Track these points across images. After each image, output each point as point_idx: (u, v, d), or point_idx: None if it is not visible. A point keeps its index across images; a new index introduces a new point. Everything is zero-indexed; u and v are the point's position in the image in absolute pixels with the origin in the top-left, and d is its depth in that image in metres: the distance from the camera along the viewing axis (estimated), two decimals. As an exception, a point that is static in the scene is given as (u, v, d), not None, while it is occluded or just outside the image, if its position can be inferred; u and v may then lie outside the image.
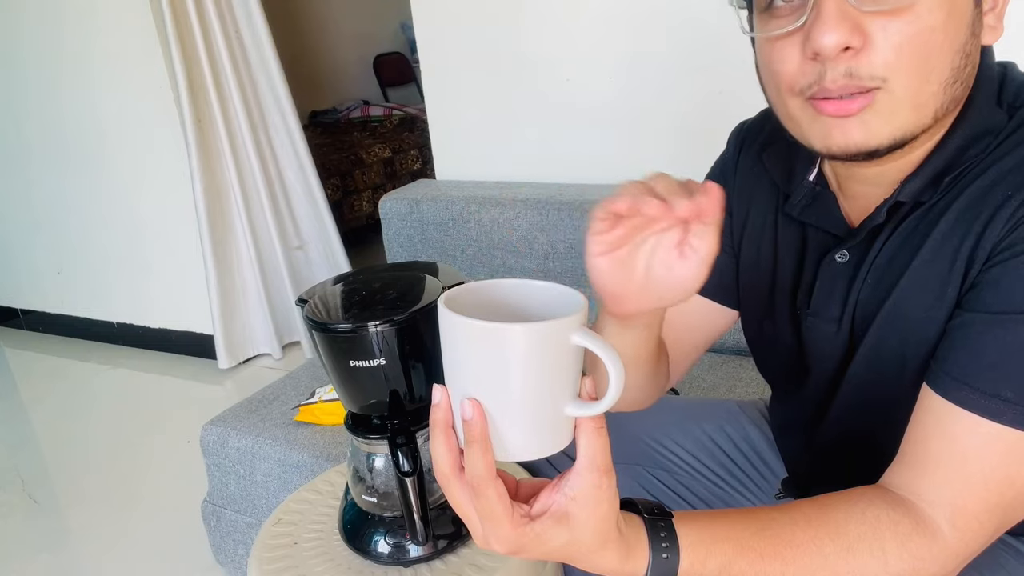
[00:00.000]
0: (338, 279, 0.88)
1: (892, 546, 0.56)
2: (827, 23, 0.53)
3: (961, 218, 0.58)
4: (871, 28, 0.54)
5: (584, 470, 0.51)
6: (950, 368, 0.57)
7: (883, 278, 0.64)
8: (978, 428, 0.55)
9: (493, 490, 0.50)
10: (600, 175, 1.76)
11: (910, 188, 0.61)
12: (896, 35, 0.53)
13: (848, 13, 0.53)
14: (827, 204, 0.69)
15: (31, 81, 2.72)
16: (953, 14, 0.54)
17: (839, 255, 0.68)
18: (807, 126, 0.60)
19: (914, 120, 0.57)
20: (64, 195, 2.85)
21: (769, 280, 0.78)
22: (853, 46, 0.54)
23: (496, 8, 1.75)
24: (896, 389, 0.63)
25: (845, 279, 0.68)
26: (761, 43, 0.61)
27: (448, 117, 1.92)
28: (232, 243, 2.53)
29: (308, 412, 1.44)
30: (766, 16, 0.59)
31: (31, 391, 2.77)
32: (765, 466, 0.97)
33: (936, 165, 0.60)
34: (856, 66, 0.54)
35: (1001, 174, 0.57)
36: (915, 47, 0.54)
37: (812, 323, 0.72)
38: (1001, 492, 0.56)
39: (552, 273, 1.66)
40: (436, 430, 0.52)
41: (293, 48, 4.20)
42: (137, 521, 1.90)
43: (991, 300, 0.55)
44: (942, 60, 0.55)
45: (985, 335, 0.55)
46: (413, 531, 0.81)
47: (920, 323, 0.61)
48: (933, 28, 0.53)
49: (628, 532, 0.54)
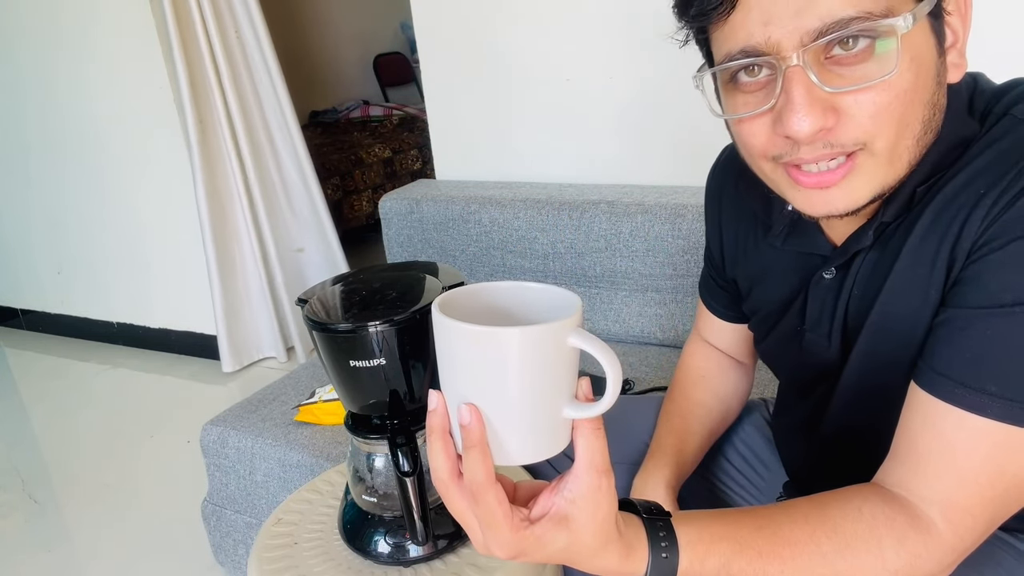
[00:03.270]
0: (338, 279, 0.88)
1: (889, 543, 0.56)
2: (798, 111, 0.53)
3: (937, 220, 0.58)
4: (843, 104, 0.53)
5: (583, 472, 0.51)
6: (935, 364, 0.57)
7: (868, 288, 0.66)
8: (965, 423, 0.55)
9: (492, 495, 0.50)
10: (600, 175, 1.76)
11: (892, 208, 0.61)
12: (870, 106, 0.53)
13: (818, 96, 0.53)
14: (808, 230, 0.70)
15: (31, 81, 2.72)
16: (921, 73, 0.54)
17: (827, 272, 0.69)
18: (785, 190, 0.61)
19: (892, 174, 0.57)
20: (64, 195, 2.85)
21: (766, 301, 0.80)
22: (828, 127, 0.54)
23: (496, 8, 1.75)
24: (891, 394, 0.64)
25: (833, 294, 0.69)
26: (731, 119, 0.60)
27: (448, 117, 1.92)
28: (236, 245, 2.53)
29: (308, 412, 1.44)
30: (731, 88, 0.59)
31: (31, 391, 2.77)
32: (766, 468, 0.97)
33: (912, 183, 0.60)
34: (834, 139, 0.55)
35: (973, 175, 0.57)
36: (891, 111, 0.54)
37: (810, 339, 0.73)
38: (992, 485, 0.56)
39: (552, 273, 1.66)
40: (433, 436, 0.52)
41: (293, 48, 4.21)
42: (137, 521, 1.90)
43: (972, 296, 0.55)
44: (914, 115, 0.55)
45: (967, 330, 0.55)
46: (413, 531, 0.81)
47: (908, 327, 0.62)
48: (905, 90, 0.53)
49: (628, 532, 0.54)
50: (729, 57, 0.56)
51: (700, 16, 0.56)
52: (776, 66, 0.54)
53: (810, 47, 0.52)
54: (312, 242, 2.66)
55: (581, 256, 1.61)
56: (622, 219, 1.54)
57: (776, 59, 0.53)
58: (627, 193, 1.61)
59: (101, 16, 2.45)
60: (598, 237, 1.57)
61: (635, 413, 0.99)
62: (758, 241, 0.79)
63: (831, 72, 0.53)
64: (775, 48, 0.53)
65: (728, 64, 0.56)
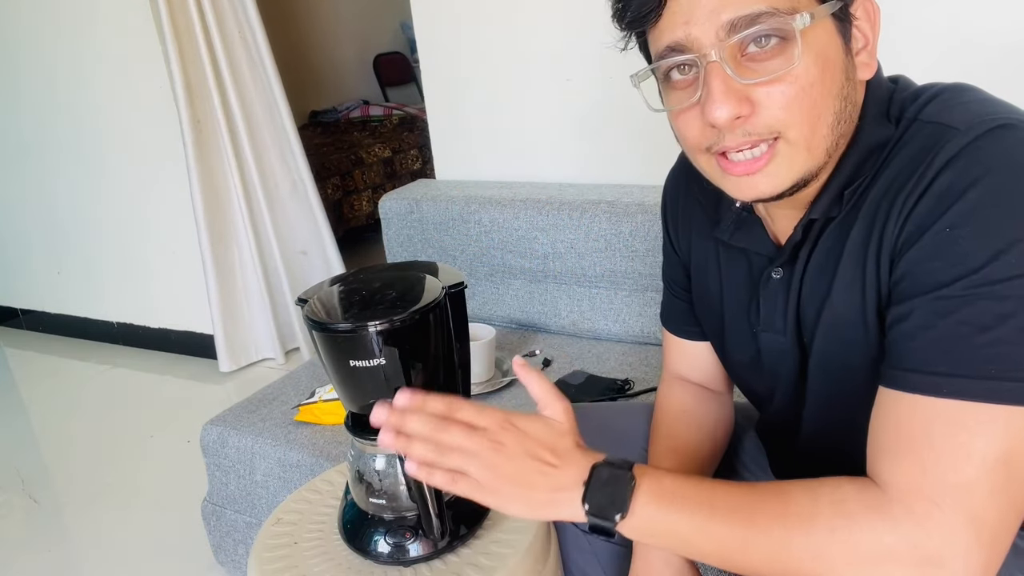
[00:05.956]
0: (338, 279, 0.88)
1: (858, 529, 0.56)
2: (716, 100, 0.60)
3: (867, 225, 0.64)
4: (757, 96, 0.60)
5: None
6: (892, 361, 0.60)
7: (816, 289, 0.70)
8: (918, 405, 0.57)
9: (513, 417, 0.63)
10: (600, 175, 1.76)
11: (819, 206, 0.67)
12: (780, 97, 0.60)
13: (733, 87, 0.60)
14: (754, 228, 0.76)
15: (30, 80, 2.72)
16: (827, 67, 0.61)
17: (774, 272, 0.74)
18: (719, 180, 0.68)
19: (811, 162, 0.63)
20: (64, 195, 2.85)
21: (719, 304, 0.84)
22: (743, 115, 0.60)
23: (496, 8, 1.74)
24: (852, 394, 0.67)
25: (783, 293, 0.74)
26: (669, 111, 0.68)
27: (448, 117, 1.92)
28: (233, 246, 2.53)
29: (308, 412, 1.44)
30: (667, 87, 0.66)
31: (31, 391, 2.77)
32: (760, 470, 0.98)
33: (838, 182, 0.66)
34: (751, 127, 0.61)
35: (890, 180, 0.62)
36: (800, 102, 0.60)
37: (765, 337, 0.78)
38: (958, 469, 0.54)
39: (552, 273, 1.66)
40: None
41: (293, 48, 4.21)
42: (137, 521, 1.90)
43: (907, 290, 0.59)
44: (826, 107, 0.61)
45: (907, 322, 0.59)
46: (429, 527, 0.81)
47: (853, 327, 0.66)
48: (812, 83, 0.60)
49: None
50: (659, 56, 0.63)
51: (635, 22, 0.64)
52: (698, 63, 0.61)
53: (727, 44, 0.59)
54: (310, 244, 2.65)
55: (581, 256, 1.61)
56: (622, 219, 1.54)
57: (699, 57, 0.61)
58: (627, 193, 1.61)
59: (100, 16, 2.45)
60: (598, 237, 1.57)
61: (631, 418, 1.00)
62: (708, 237, 0.83)
63: (746, 67, 0.60)
64: (696, 44, 0.60)
65: (659, 62, 0.64)
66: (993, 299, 0.54)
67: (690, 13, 0.60)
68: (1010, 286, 0.54)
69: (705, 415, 0.92)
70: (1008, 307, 0.54)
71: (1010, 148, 0.57)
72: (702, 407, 0.93)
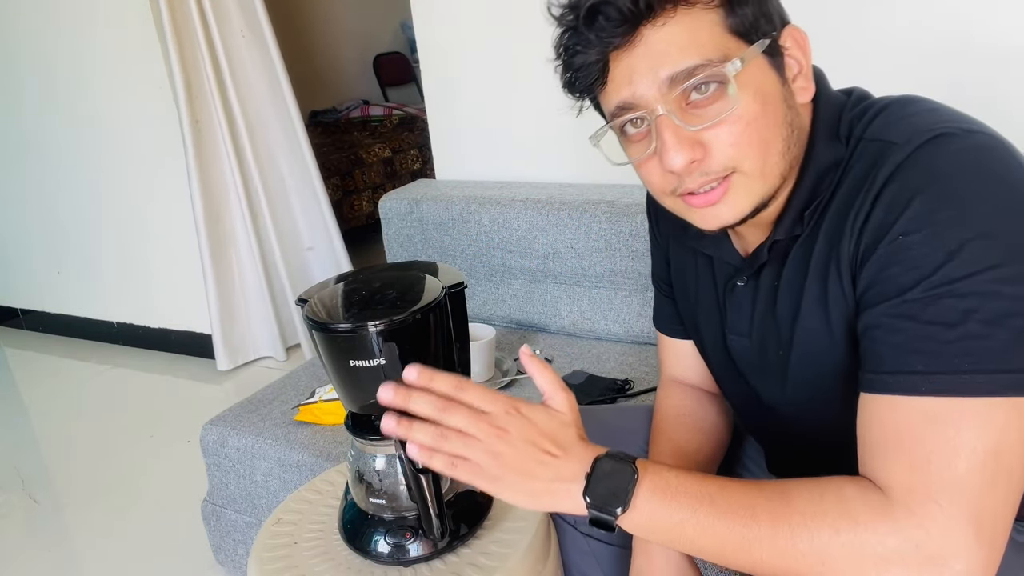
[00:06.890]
0: (338, 279, 0.88)
1: (852, 528, 0.57)
2: (670, 150, 0.64)
3: (828, 243, 0.67)
4: (707, 139, 0.64)
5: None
6: (865, 365, 0.62)
7: (788, 306, 0.72)
8: (900, 406, 0.58)
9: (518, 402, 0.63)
10: (600, 175, 1.76)
11: (782, 227, 0.71)
12: (728, 136, 0.63)
13: (684, 135, 0.64)
14: (722, 240, 0.79)
15: (30, 80, 2.72)
16: (767, 100, 0.64)
17: (739, 281, 0.78)
18: (685, 214, 0.71)
19: (767, 187, 0.67)
20: (64, 195, 2.85)
21: (694, 307, 0.87)
22: (697, 159, 0.64)
23: (496, 8, 1.74)
24: (831, 405, 0.70)
25: (748, 300, 0.78)
26: (632, 163, 0.72)
27: (448, 117, 1.92)
28: (232, 244, 2.53)
29: (308, 412, 1.44)
30: (625, 141, 0.70)
31: (31, 391, 2.77)
32: (760, 469, 0.98)
33: (797, 203, 0.69)
34: (707, 168, 0.65)
35: (843, 200, 0.66)
36: (748, 137, 0.64)
37: (732, 340, 0.81)
38: (950, 464, 0.55)
39: (552, 273, 1.66)
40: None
41: (293, 47, 4.19)
42: (137, 521, 1.90)
43: (872, 299, 0.61)
44: (773, 136, 0.65)
45: (879, 329, 0.61)
46: (430, 527, 0.81)
47: (822, 339, 0.69)
48: (755, 118, 0.64)
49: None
50: (612, 115, 0.68)
51: (585, 90, 0.69)
52: (648, 118, 0.65)
53: (670, 97, 0.63)
54: (317, 241, 2.66)
55: (581, 256, 1.61)
56: (622, 219, 1.54)
57: (647, 112, 0.65)
58: (627, 193, 1.61)
59: (100, 16, 2.45)
60: (598, 237, 1.57)
61: (632, 419, 1.00)
62: (685, 248, 0.87)
63: (692, 114, 0.64)
64: (643, 101, 0.64)
65: (613, 122, 0.68)
66: (954, 297, 0.56)
67: (631, 74, 0.64)
68: (967, 283, 0.56)
69: (704, 417, 0.93)
70: (970, 303, 0.56)
71: (949, 155, 0.60)
72: (701, 409, 0.93)
